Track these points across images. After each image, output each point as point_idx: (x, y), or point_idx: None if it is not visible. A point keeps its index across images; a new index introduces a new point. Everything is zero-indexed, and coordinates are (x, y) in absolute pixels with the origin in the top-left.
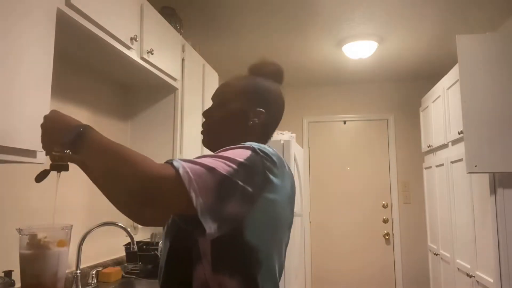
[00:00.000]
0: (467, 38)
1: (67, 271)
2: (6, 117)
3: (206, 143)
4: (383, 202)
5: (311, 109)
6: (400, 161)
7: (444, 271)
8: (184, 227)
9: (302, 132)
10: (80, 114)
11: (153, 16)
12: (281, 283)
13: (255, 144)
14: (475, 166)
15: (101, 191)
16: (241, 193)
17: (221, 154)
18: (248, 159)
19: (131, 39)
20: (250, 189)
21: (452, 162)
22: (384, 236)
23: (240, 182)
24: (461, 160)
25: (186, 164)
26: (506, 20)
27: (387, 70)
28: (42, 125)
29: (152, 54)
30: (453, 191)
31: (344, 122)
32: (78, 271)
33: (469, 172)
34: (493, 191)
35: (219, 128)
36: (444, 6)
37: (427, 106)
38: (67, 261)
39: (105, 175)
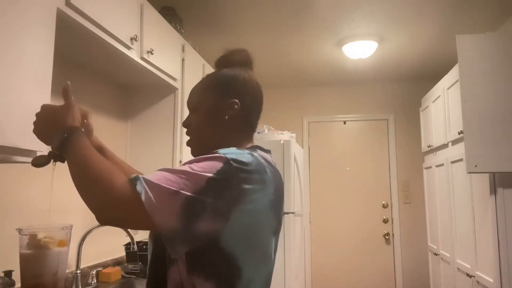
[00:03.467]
0: (467, 38)
1: (67, 271)
2: (6, 117)
3: (195, 153)
4: (383, 202)
5: (311, 109)
6: (400, 161)
7: (444, 271)
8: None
9: (302, 132)
10: None
11: (153, 16)
12: (281, 283)
13: (231, 152)
14: (475, 166)
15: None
16: (211, 210)
17: (188, 169)
18: (218, 172)
19: (131, 39)
20: (222, 205)
21: (452, 162)
22: (384, 236)
23: (208, 199)
24: (461, 160)
25: (149, 189)
26: (506, 20)
27: (387, 70)
28: (34, 123)
29: (152, 54)
30: (453, 191)
31: (344, 122)
32: (78, 271)
33: (469, 172)
34: (493, 191)
35: (200, 134)
36: (444, 6)
37: (427, 106)
38: (67, 261)
39: (77, 184)
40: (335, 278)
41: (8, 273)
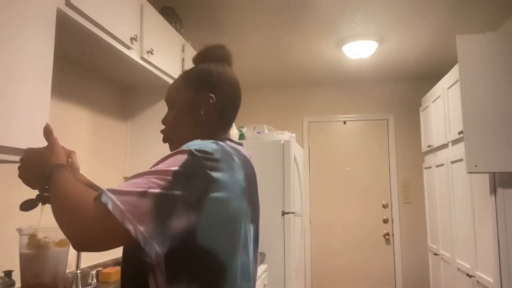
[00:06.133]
0: (467, 38)
1: (67, 271)
2: (6, 117)
3: (172, 150)
4: (383, 202)
5: (311, 109)
6: (400, 161)
7: (444, 271)
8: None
9: (302, 132)
10: (80, 114)
11: (153, 16)
12: (281, 283)
13: (194, 144)
14: (475, 166)
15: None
16: (183, 203)
17: (154, 168)
18: (183, 165)
19: (131, 39)
20: (192, 196)
21: (452, 162)
22: (384, 236)
23: (178, 192)
24: (461, 160)
25: (115, 197)
26: (506, 20)
27: (387, 70)
28: (18, 167)
29: (152, 54)
30: (453, 191)
31: (344, 122)
32: (78, 271)
33: (469, 172)
34: (493, 191)
35: (176, 130)
36: (444, 6)
37: (427, 106)
38: (67, 261)
39: (57, 217)
40: (335, 278)
41: (8, 273)
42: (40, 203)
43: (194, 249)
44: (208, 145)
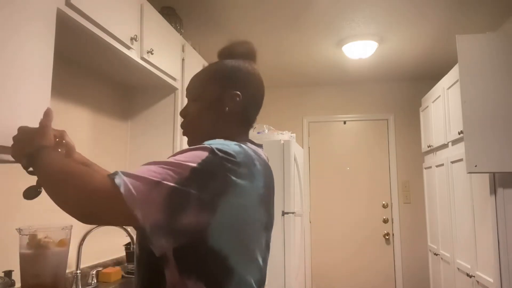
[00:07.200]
0: (467, 38)
1: (67, 271)
2: (6, 117)
3: (190, 143)
4: (383, 202)
5: (311, 109)
6: (400, 161)
7: (444, 271)
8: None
9: (302, 132)
10: (80, 114)
11: (153, 16)
12: (281, 283)
13: (217, 142)
14: (475, 166)
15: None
16: (196, 202)
17: (172, 159)
18: (202, 163)
19: (131, 39)
20: (207, 196)
21: (452, 162)
22: (384, 236)
23: (192, 191)
24: (461, 160)
25: (128, 180)
26: (506, 20)
27: (387, 70)
28: (12, 145)
29: (152, 54)
30: (453, 191)
31: (344, 122)
32: (78, 271)
33: (469, 172)
34: (493, 191)
35: (197, 124)
36: (444, 6)
37: (427, 106)
38: (67, 261)
39: (51, 191)
40: (335, 278)
41: (8, 273)
42: (43, 188)
43: (204, 248)
44: (231, 146)
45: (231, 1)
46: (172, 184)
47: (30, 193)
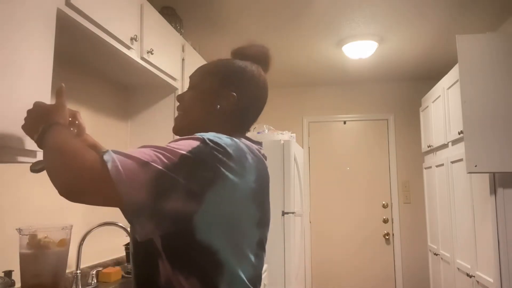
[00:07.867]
0: (467, 38)
1: (67, 271)
2: (6, 117)
3: (178, 131)
4: (383, 202)
5: (311, 109)
6: (400, 161)
7: (444, 271)
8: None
9: (302, 132)
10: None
11: (153, 16)
12: (281, 283)
13: (210, 134)
14: (475, 166)
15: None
16: (182, 189)
17: (165, 145)
18: (193, 151)
19: (131, 39)
20: (194, 185)
21: (452, 162)
22: (384, 236)
23: (179, 178)
24: (461, 160)
25: (117, 157)
26: (506, 20)
27: (387, 70)
28: (24, 118)
29: (152, 54)
30: (453, 191)
31: (344, 122)
32: (78, 271)
33: (469, 172)
34: (493, 191)
35: (189, 112)
36: (444, 6)
37: (427, 106)
38: (67, 261)
39: (49, 167)
40: (335, 278)
41: (8, 273)
42: None
43: (192, 242)
44: (223, 139)
45: (231, 1)
46: (160, 167)
47: (36, 166)
